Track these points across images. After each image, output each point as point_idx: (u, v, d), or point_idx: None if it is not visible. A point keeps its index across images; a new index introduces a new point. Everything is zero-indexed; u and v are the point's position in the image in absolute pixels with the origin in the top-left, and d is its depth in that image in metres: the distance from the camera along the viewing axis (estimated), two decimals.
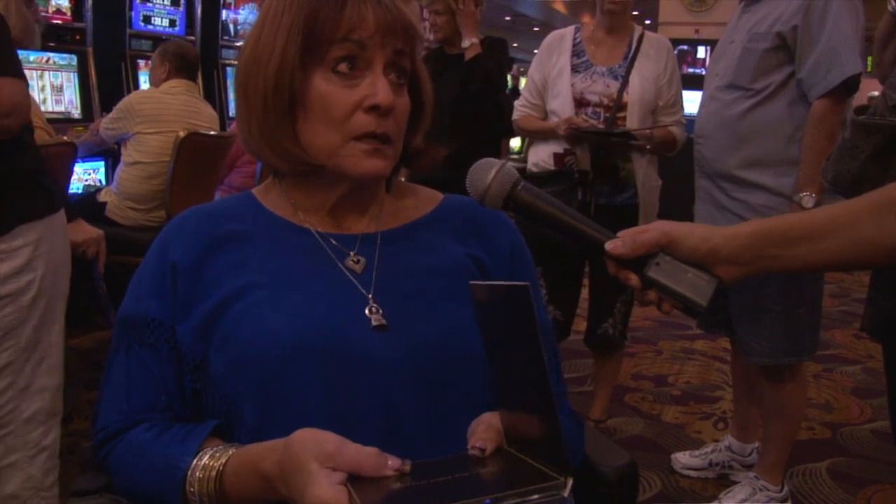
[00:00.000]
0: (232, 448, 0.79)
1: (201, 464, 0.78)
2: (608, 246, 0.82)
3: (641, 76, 2.37)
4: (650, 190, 2.45)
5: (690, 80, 4.43)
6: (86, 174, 3.77)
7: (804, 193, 1.93)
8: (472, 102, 2.83)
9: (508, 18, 16.52)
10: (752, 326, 2.12)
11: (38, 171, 1.58)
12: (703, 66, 7.24)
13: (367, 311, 0.84)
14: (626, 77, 2.36)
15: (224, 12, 5.06)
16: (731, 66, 2.07)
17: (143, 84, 4.30)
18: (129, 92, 3.92)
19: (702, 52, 7.43)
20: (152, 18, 4.54)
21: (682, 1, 7.86)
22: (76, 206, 2.07)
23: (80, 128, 3.82)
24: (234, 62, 5.17)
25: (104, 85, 4.12)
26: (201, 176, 3.22)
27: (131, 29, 4.41)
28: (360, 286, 0.87)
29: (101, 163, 3.81)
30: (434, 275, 0.89)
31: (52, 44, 3.85)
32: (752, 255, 0.82)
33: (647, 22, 10.47)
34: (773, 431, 2.23)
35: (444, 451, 0.76)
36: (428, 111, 0.95)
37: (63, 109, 3.95)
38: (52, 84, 3.89)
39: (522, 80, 7.58)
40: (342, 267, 0.88)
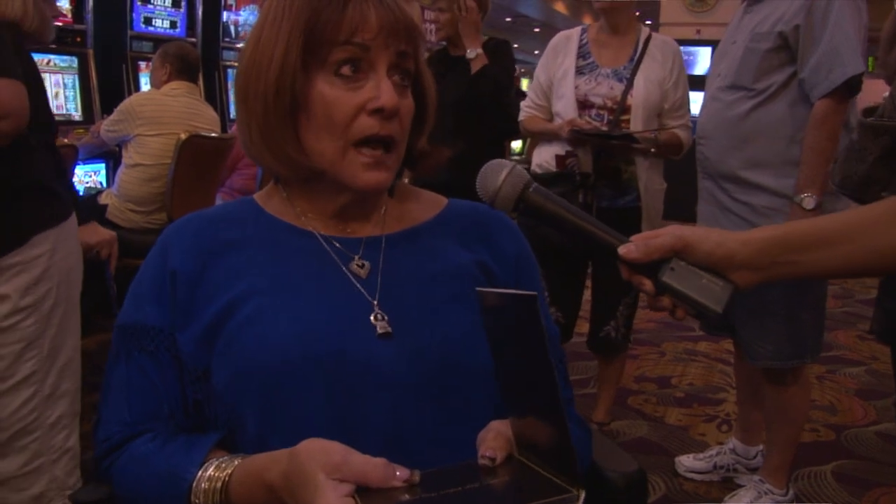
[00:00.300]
0: (237, 458, 0.78)
1: (206, 475, 0.76)
2: (621, 250, 0.80)
3: (646, 79, 2.35)
4: (654, 193, 2.43)
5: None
6: (86, 176, 3.76)
7: (805, 194, 1.92)
8: (476, 104, 2.81)
9: (509, 19, 16.52)
10: (755, 329, 2.10)
11: (51, 177, 1.57)
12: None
13: (372, 318, 0.83)
14: (630, 79, 2.35)
15: (225, 14, 5.05)
16: (732, 67, 2.06)
17: (144, 86, 4.29)
18: (130, 94, 3.91)
19: (703, 55, 7.39)
20: (153, 20, 4.53)
21: (683, 1, 7.84)
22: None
23: (81, 130, 3.81)
24: (236, 64, 5.15)
25: (105, 87, 4.11)
26: (202, 178, 3.21)
27: (132, 30, 4.40)
28: (364, 291, 0.85)
29: (102, 165, 3.81)
30: (439, 280, 0.88)
31: (52, 45, 3.83)
32: (768, 260, 0.81)
33: (648, 22, 10.43)
34: (777, 434, 2.22)
35: (450, 460, 0.74)
36: (432, 113, 0.93)
37: (64, 112, 3.94)
38: (52, 86, 3.88)
39: (524, 82, 7.58)
40: (346, 271, 0.87)
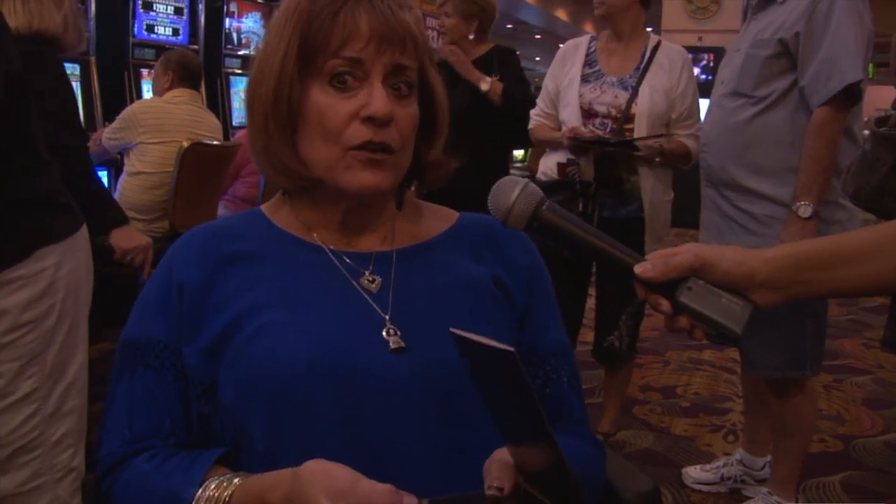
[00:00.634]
0: (238, 477, 0.76)
1: (206, 495, 0.75)
2: (638, 269, 0.78)
3: (652, 87, 2.32)
4: (659, 204, 2.40)
5: None
6: None
7: (801, 203, 1.90)
8: (481, 113, 2.80)
9: (510, 26, 16.53)
10: (754, 338, 2.08)
11: (59, 191, 1.53)
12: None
13: (384, 334, 0.81)
14: (635, 88, 2.32)
15: (227, 21, 5.04)
16: (734, 74, 2.07)
17: (147, 93, 4.28)
18: (132, 101, 3.90)
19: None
20: (155, 27, 4.53)
21: (684, 8, 7.84)
22: None
23: None
24: (238, 71, 5.16)
25: (107, 94, 4.09)
26: (205, 186, 3.19)
27: (134, 38, 4.39)
28: (376, 306, 0.84)
29: (104, 173, 3.78)
30: (452, 294, 0.86)
31: None
32: (790, 279, 0.78)
33: (649, 29, 10.44)
34: (784, 445, 2.19)
35: (462, 482, 0.72)
36: (442, 123, 0.91)
37: None
38: None
39: None
40: (357, 286, 0.85)
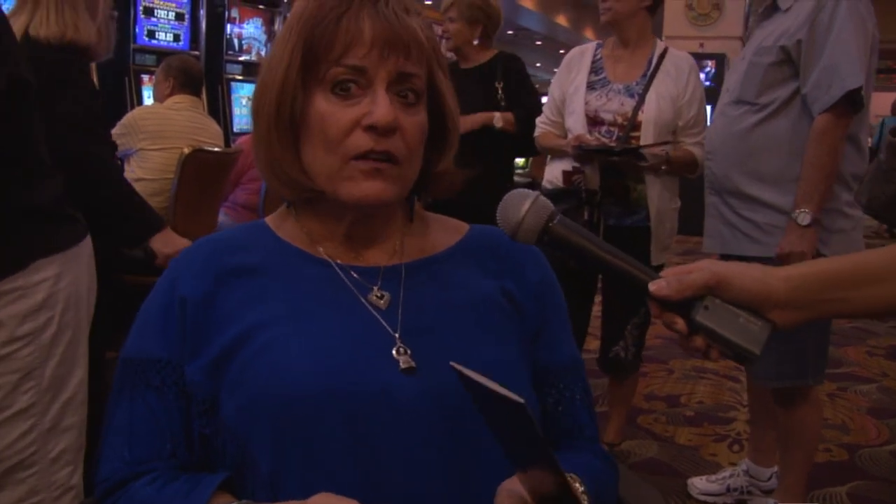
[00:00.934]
0: None
1: None
2: (652, 287, 0.75)
3: (659, 95, 2.30)
4: (666, 213, 2.37)
5: None
6: None
7: (800, 210, 1.90)
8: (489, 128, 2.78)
9: (511, 32, 16.54)
10: None
11: (61, 201, 1.49)
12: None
13: (394, 353, 0.79)
14: (642, 95, 2.30)
15: (229, 27, 5.04)
16: (738, 81, 2.06)
17: (147, 99, 4.27)
18: (132, 107, 3.89)
19: None
20: (156, 33, 4.52)
21: (686, 15, 7.84)
22: None
23: None
24: (239, 77, 5.15)
25: (108, 100, 4.08)
26: (206, 193, 3.17)
27: (135, 44, 4.39)
28: (385, 324, 0.81)
29: None
30: (463, 311, 0.84)
31: None
32: (811, 298, 0.75)
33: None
34: (790, 456, 2.17)
35: None
36: (453, 133, 0.88)
37: None
38: None
39: None
40: (365, 303, 0.83)
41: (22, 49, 1.61)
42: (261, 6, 5.29)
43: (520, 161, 6.00)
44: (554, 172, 2.40)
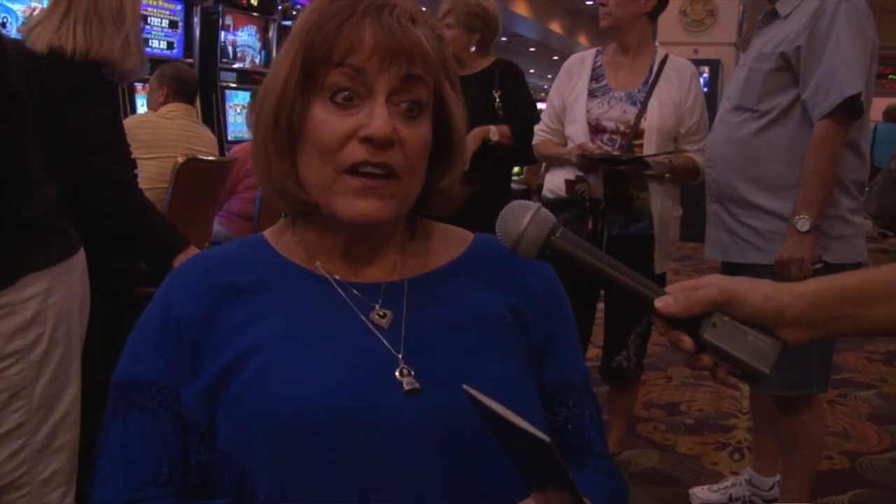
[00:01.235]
0: None
1: None
2: (658, 304, 0.72)
3: (661, 102, 2.28)
4: (668, 220, 2.35)
5: None
6: None
7: (799, 216, 1.90)
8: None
9: (504, 39, 16.57)
10: None
11: (52, 214, 1.45)
12: None
13: (397, 374, 0.76)
14: (644, 103, 2.28)
15: (223, 34, 5.01)
16: (738, 88, 2.06)
17: (141, 108, 4.24)
18: (126, 116, 3.85)
19: None
20: (150, 41, 4.49)
21: (680, 21, 7.85)
22: None
23: None
24: (233, 85, 5.12)
25: None
26: (200, 202, 3.14)
27: None
28: (388, 344, 0.78)
29: None
30: (468, 328, 0.81)
31: None
32: (824, 315, 0.73)
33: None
34: (793, 465, 2.15)
35: None
36: (459, 149, 0.84)
37: None
38: None
39: None
40: (367, 321, 0.80)
41: (19, 59, 1.58)
42: (255, 14, 5.27)
43: (514, 169, 5.97)
44: (555, 181, 2.38)
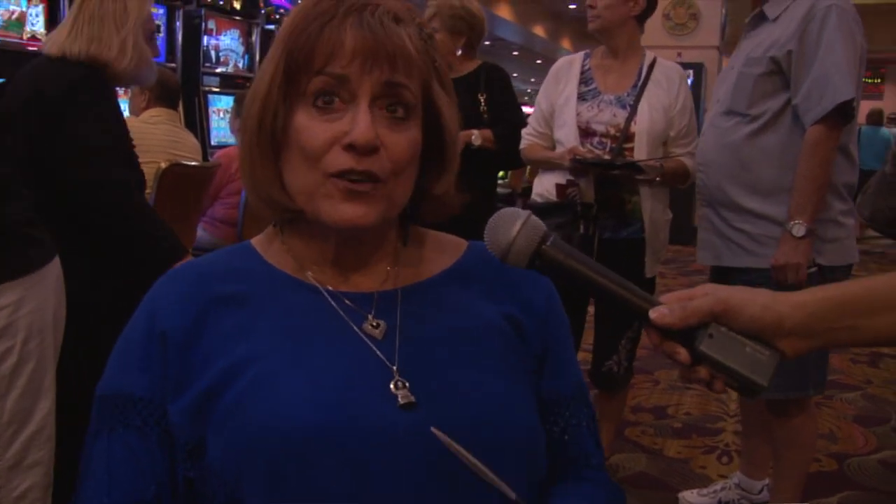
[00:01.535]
0: None
1: None
2: (653, 314, 0.70)
3: (651, 105, 2.27)
4: (659, 224, 2.34)
5: None
6: None
7: (795, 221, 1.90)
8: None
9: (488, 42, 16.60)
10: None
11: (24, 222, 1.41)
12: None
13: (392, 387, 0.74)
14: (633, 106, 2.27)
15: (205, 38, 4.97)
16: (728, 92, 2.05)
17: (123, 113, 4.18)
18: None
19: None
20: None
21: (663, 24, 7.89)
22: None
23: None
24: (216, 89, 5.07)
25: None
26: (183, 208, 3.10)
27: None
28: (382, 356, 0.76)
29: None
30: (463, 339, 0.79)
31: None
32: (823, 325, 0.71)
33: None
34: (785, 467, 2.15)
35: None
36: (452, 153, 0.82)
37: None
38: None
39: None
40: (360, 332, 0.78)
41: (42, 68, 1.53)
42: (238, 18, 5.23)
43: (499, 173, 5.96)
44: (545, 185, 2.36)
